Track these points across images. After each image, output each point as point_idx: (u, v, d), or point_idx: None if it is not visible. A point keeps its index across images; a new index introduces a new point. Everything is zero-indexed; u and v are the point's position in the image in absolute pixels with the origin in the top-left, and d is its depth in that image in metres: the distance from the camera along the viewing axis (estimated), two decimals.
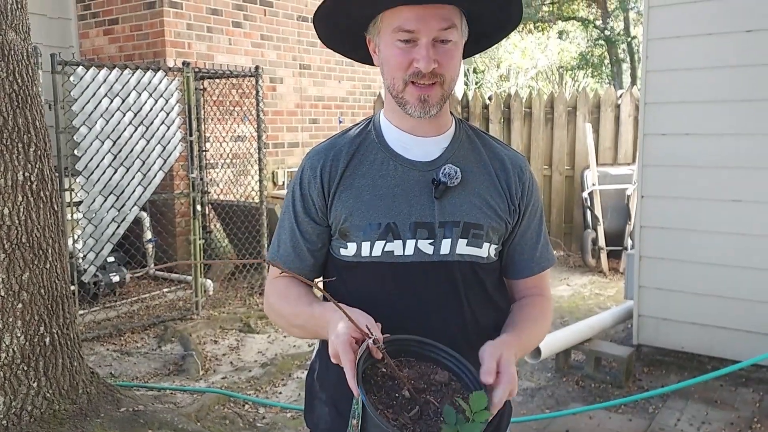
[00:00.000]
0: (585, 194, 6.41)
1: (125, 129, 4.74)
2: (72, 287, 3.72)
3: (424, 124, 1.28)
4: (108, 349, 4.34)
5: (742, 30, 3.50)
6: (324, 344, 1.37)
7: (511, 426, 1.43)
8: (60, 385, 2.91)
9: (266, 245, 5.51)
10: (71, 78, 4.46)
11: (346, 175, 1.29)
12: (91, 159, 4.60)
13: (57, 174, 4.08)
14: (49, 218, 2.91)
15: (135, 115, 4.79)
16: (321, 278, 1.36)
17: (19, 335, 2.77)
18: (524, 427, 3.20)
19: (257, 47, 6.65)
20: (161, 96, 4.92)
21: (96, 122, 4.59)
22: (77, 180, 4.58)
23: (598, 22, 16.81)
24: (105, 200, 4.69)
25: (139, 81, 4.79)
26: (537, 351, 3.50)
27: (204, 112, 5.93)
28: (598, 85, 17.60)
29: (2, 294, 2.73)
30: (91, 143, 4.59)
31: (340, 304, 1.06)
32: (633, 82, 14.65)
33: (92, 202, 4.63)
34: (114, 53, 6.19)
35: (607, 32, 16.32)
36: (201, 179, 5.68)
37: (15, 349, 2.76)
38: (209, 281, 5.49)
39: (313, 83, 7.31)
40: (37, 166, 2.85)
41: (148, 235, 5.69)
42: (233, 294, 5.56)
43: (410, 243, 1.25)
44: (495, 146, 1.36)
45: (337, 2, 1.22)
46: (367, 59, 1.33)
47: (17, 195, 2.76)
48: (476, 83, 17.57)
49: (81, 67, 4.49)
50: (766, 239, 3.55)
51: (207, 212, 6.04)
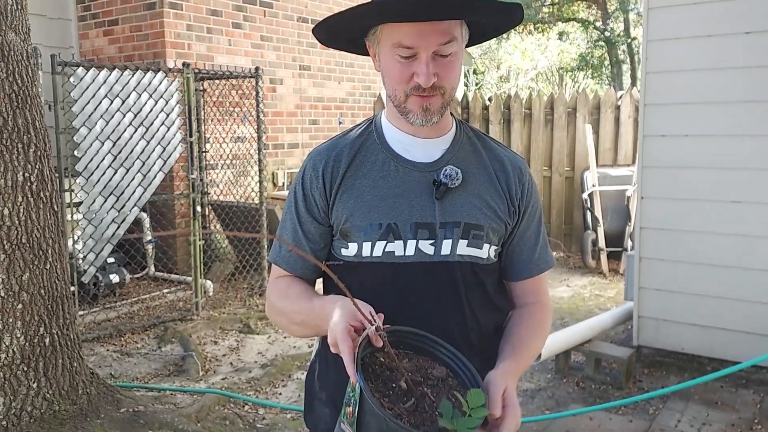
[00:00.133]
0: (585, 195, 6.40)
1: (125, 130, 4.75)
2: (72, 288, 3.72)
3: (425, 127, 1.28)
4: (108, 350, 4.34)
5: (742, 31, 3.50)
6: (324, 344, 1.37)
7: None
8: (60, 386, 2.90)
9: (266, 246, 5.51)
10: (71, 79, 4.46)
11: (348, 176, 1.29)
12: (91, 160, 4.60)
13: (57, 175, 4.07)
14: (49, 219, 2.90)
15: (135, 116, 4.79)
16: (325, 277, 1.36)
17: (19, 336, 2.77)
18: (524, 429, 3.20)
19: (257, 48, 6.65)
20: (161, 97, 4.92)
21: (96, 123, 4.59)
22: (77, 181, 4.59)
23: (598, 24, 16.83)
24: (105, 201, 4.69)
25: (139, 82, 4.79)
26: (547, 335, 3.49)
27: (204, 113, 5.93)
28: (598, 87, 17.61)
29: (2, 294, 2.73)
30: (91, 144, 4.59)
31: (344, 288, 1.05)
32: (633, 84, 14.65)
33: (92, 203, 4.63)
34: (114, 54, 6.19)
35: (607, 33, 16.34)
36: (201, 180, 5.68)
37: (15, 350, 2.76)
38: (209, 282, 5.50)
39: (313, 84, 7.31)
40: (37, 167, 2.85)
41: (148, 236, 5.70)
42: (233, 295, 5.56)
43: (411, 243, 1.25)
44: (495, 148, 1.37)
45: (336, 19, 1.22)
46: (368, 53, 1.33)
47: (17, 195, 2.76)
48: (476, 84, 17.58)
49: (81, 68, 4.49)
50: (766, 240, 3.55)
51: (207, 213, 6.04)
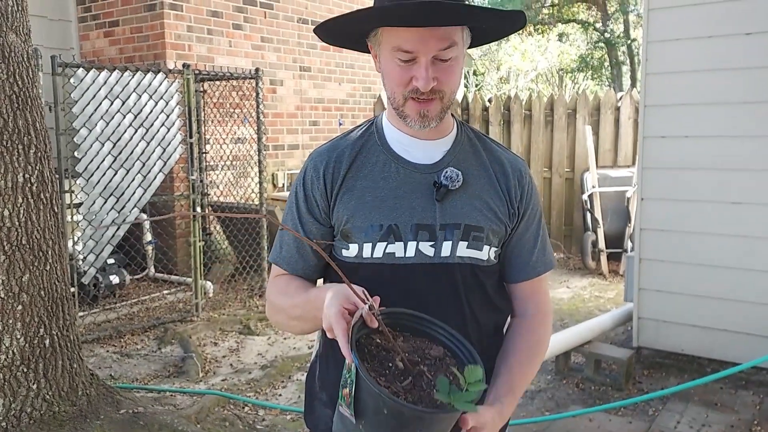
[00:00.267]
0: (585, 197, 6.41)
1: (125, 131, 4.75)
2: (72, 289, 3.72)
3: (426, 130, 1.28)
4: (108, 351, 4.34)
5: (742, 33, 3.51)
6: (325, 345, 1.37)
7: (511, 428, 1.43)
8: (60, 387, 2.90)
9: (266, 247, 5.51)
10: (71, 80, 4.46)
11: (349, 177, 1.29)
12: (92, 161, 4.60)
13: (57, 176, 4.08)
14: (49, 220, 2.91)
15: (135, 117, 4.80)
16: (325, 264, 1.36)
17: (19, 337, 2.77)
18: (524, 430, 3.20)
19: (257, 49, 6.65)
20: (161, 98, 4.93)
21: (96, 124, 4.60)
22: (77, 182, 4.59)
23: (598, 25, 16.84)
24: (105, 202, 4.69)
25: (140, 83, 4.80)
26: (547, 347, 3.49)
27: (204, 114, 5.93)
28: (598, 88, 17.62)
29: (2, 296, 2.73)
30: (92, 145, 4.59)
31: (339, 271, 1.05)
32: (633, 85, 14.65)
33: (92, 204, 4.64)
34: (114, 55, 6.19)
35: (607, 35, 16.35)
36: (201, 181, 5.68)
37: (15, 351, 2.76)
38: (209, 283, 5.50)
39: (313, 85, 7.31)
40: (38, 168, 2.85)
41: (148, 237, 5.70)
42: (233, 296, 5.56)
43: (411, 245, 1.25)
44: (495, 149, 1.37)
45: (337, 22, 1.22)
46: (369, 51, 1.33)
47: (17, 197, 2.76)
48: (476, 85, 17.59)
49: (81, 69, 4.49)
50: (766, 241, 3.55)
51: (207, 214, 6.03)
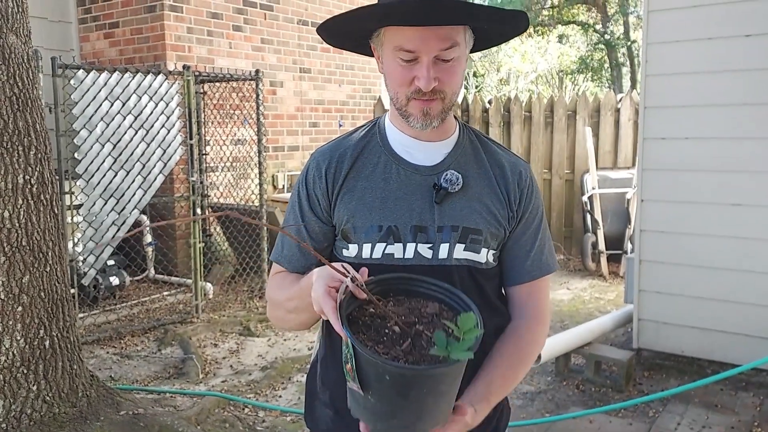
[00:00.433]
0: (585, 198, 6.41)
1: (125, 132, 4.75)
2: (72, 290, 3.72)
3: (427, 130, 1.28)
4: (108, 353, 4.34)
5: (742, 34, 3.51)
6: (325, 344, 1.37)
7: (511, 430, 1.43)
8: (60, 389, 2.90)
9: (266, 248, 5.51)
10: (72, 81, 4.46)
11: (350, 177, 1.30)
12: (92, 162, 4.60)
13: (57, 177, 4.08)
14: (50, 221, 2.91)
15: (135, 119, 4.80)
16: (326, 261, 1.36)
17: (19, 338, 2.77)
18: (524, 431, 3.20)
19: (257, 51, 6.66)
20: (161, 99, 4.93)
21: (96, 125, 4.60)
22: (77, 183, 4.59)
23: (598, 26, 16.85)
24: (105, 203, 4.69)
25: (140, 84, 4.80)
26: (537, 355, 3.49)
27: (204, 116, 5.93)
28: (598, 89, 17.62)
29: (2, 297, 2.73)
30: (92, 146, 4.59)
31: (318, 254, 1.06)
32: (633, 86, 14.66)
33: (92, 205, 4.64)
34: (114, 56, 6.20)
35: (607, 36, 16.36)
36: (201, 182, 5.68)
37: (15, 352, 2.76)
38: (209, 284, 5.49)
39: (314, 87, 7.32)
40: (38, 169, 2.85)
41: (149, 239, 5.70)
42: (233, 297, 5.56)
43: (410, 246, 1.26)
44: (497, 152, 1.36)
45: (339, 20, 1.22)
46: (372, 54, 1.33)
47: (17, 198, 2.76)
48: (476, 87, 17.60)
49: (81, 71, 4.50)
50: (766, 243, 3.55)
51: (207, 215, 6.04)
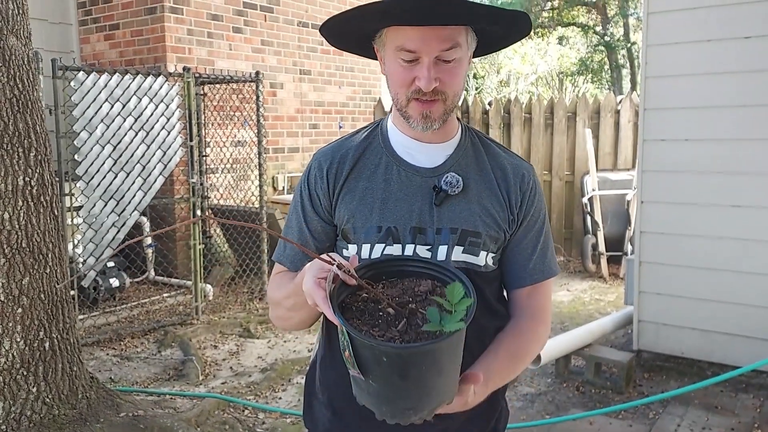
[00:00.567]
0: (585, 199, 6.41)
1: (126, 134, 4.75)
2: (72, 292, 3.73)
3: (429, 132, 1.28)
4: (108, 354, 4.34)
5: (741, 36, 3.51)
6: (324, 346, 1.37)
7: (510, 431, 1.43)
8: (59, 390, 2.90)
9: (266, 250, 5.51)
10: (72, 83, 4.47)
11: (351, 178, 1.31)
12: (92, 164, 4.60)
13: (57, 179, 4.09)
14: (50, 223, 2.91)
15: (135, 120, 4.80)
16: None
17: (19, 340, 2.77)
18: None
19: (258, 52, 6.66)
20: (162, 101, 4.93)
21: (96, 127, 4.60)
22: (77, 185, 4.59)
23: (598, 28, 16.85)
24: (105, 205, 4.69)
25: (140, 86, 4.80)
26: (537, 357, 3.49)
27: (204, 117, 5.93)
28: (598, 91, 17.62)
29: (2, 299, 2.73)
30: (92, 148, 4.59)
31: (303, 247, 1.07)
32: (633, 88, 14.66)
33: (92, 207, 4.64)
34: (115, 58, 6.21)
35: (607, 38, 16.35)
36: (201, 184, 5.68)
37: (14, 354, 2.76)
38: (209, 286, 5.49)
39: (314, 88, 7.32)
40: (38, 171, 2.85)
41: (148, 240, 5.70)
42: (233, 299, 5.56)
43: (409, 248, 1.26)
44: (499, 154, 1.36)
45: (341, 19, 1.22)
46: (375, 56, 1.34)
47: (17, 200, 2.77)
48: (476, 88, 17.60)
49: (82, 72, 4.50)
50: (766, 244, 3.55)
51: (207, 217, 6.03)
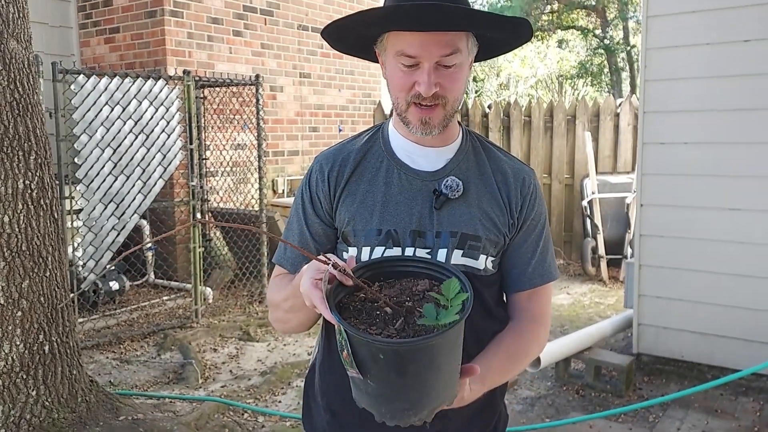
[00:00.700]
0: (584, 203, 6.41)
1: (126, 137, 4.75)
2: (71, 295, 3.72)
3: (430, 137, 1.28)
4: (107, 357, 4.33)
5: (741, 39, 3.52)
6: (323, 351, 1.37)
7: None
8: (59, 394, 2.90)
9: (266, 253, 5.51)
10: (72, 86, 4.47)
11: (352, 181, 1.31)
12: (92, 167, 4.60)
13: (57, 182, 4.09)
14: (49, 226, 2.91)
15: (135, 124, 4.80)
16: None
17: (18, 343, 2.77)
18: None
19: (258, 56, 6.67)
20: (162, 104, 4.94)
21: (96, 130, 4.60)
22: (77, 188, 4.59)
23: (598, 31, 16.88)
24: (105, 208, 4.69)
25: (140, 89, 4.81)
26: (537, 360, 3.48)
27: (204, 121, 5.94)
28: (598, 94, 17.65)
29: (2, 302, 2.73)
30: (92, 151, 4.59)
31: (300, 248, 1.07)
32: (632, 91, 14.67)
33: (92, 210, 4.64)
34: (115, 61, 6.21)
35: (607, 41, 16.39)
36: (201, 187, 5.68)
37: (14, 357, 2.76)
38: (209, 289, 5.49)
39: (313, 92, 7.33)
40: (38, 174, 2.85)
41: (148, 243, 5.70)
42: (233, 302, 5.56)
43: (409, 251, 1.26)
44: (500, 158, 1.36)
45: (343, 24, 1.23)
46: (377, 60, 1.34)
47: (17, 203, 2.77)
48: (476, 92, 17.62)
49: (82, 76, 4.50)
50: (766, 248, 3.55)
51: (207, 220, 6.04)
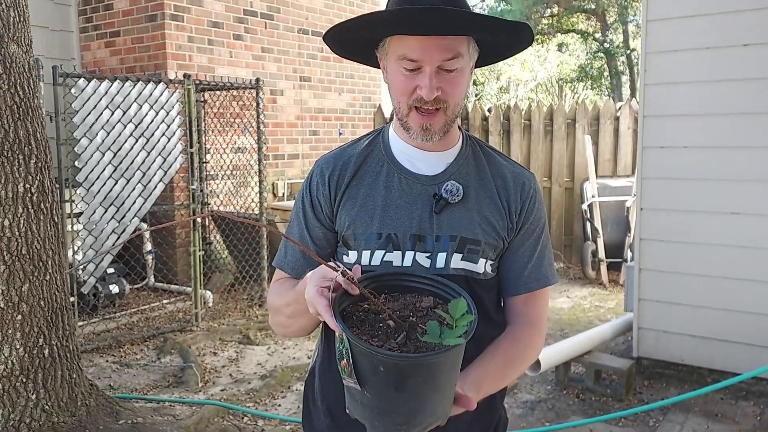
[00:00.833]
0: (584, 206, 6.41)
1: (126, 141, 4.76)
2: (71, 298, 3.72)
3: (430, 142, 1.28)
4: (107, 361, 4.33)
5: (740, 44, 3.52)
6: (323, 355, 1.37)
7: None
8: (59, 397, 2.90)
9: (266, 256, 5.51)
10: (72, 90, 4.48)
11: (352, 185, 1.31)
12: (92, 170, 4.61)
13: (57, 185, 4.09)
14: (50, 230, 2.91)
15: (136, 127, 4.81)
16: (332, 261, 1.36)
17: (18, 347, 2.77)
18: None
19: (258, 60, 6.68)
20: (162, 108, 4.94)
21: (97, 134, 4.61)
22: (78, 191, 4.60)
23: (598, 35, 16.89)
24: (105, 211, 4.70)
25: (140, 93, 4.81)
26: (536, 364, 3.48)
27: (204, 124, 5.94)
28: (598, 98, 17.65)
29: (2, 305, 2.73)
30: (92, 155, 4.60)
31: (312, 253, 1.06)
32: (632, 95, 14.68)
33: (92, 214, 4.64)
34: (115, 65, 6.22)
35: (606, 45, 16.40)
36: (201, 190, 5.69)
37: (14, 361, 2.76)
38: (209, 293, 5.49)
39: (314, 95, 7.34)
40: (38, 178, 2.86)
41: (148, 247, 5.70)
42: (233, 306, 5.56)
43: (409, 255, 1.26)
44: (500, 163, 1.36)
45: (344, 28, 1.23)
46: (379, 65, 1.34)
47: (18, 206, 2.77)
48: (476, 95, 17.64)
49: (82, 79, 4.51)
50: (765, 251, 3.55)
51: (207, 223, 6.05)
